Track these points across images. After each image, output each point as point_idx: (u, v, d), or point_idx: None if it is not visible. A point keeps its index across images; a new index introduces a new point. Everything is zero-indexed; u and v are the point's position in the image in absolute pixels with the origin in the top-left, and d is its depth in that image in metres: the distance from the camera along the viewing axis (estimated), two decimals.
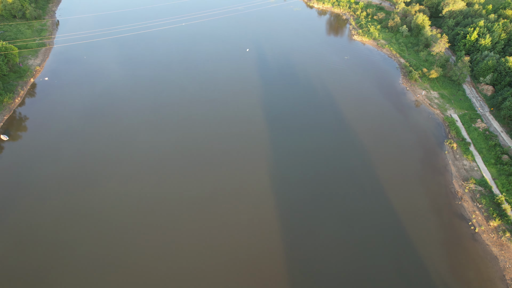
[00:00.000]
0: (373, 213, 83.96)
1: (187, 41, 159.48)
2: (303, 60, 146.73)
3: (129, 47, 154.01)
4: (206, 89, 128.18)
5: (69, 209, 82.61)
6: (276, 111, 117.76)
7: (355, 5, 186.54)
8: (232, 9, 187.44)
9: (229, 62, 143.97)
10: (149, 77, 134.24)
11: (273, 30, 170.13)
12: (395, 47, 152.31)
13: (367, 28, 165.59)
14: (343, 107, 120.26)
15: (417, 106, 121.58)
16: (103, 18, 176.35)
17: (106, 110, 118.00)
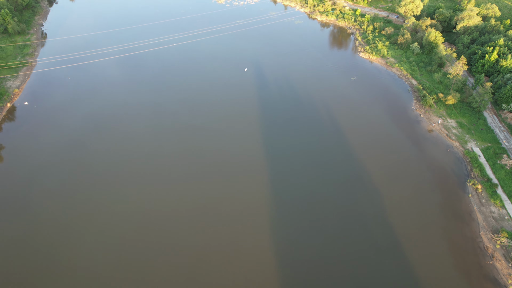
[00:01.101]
0: (388, 276, 71.62)
1: (179, 62, 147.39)
2: (306, 81, 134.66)
3: (118, 68, 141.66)
4: (200, 115, 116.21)
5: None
6: (276, 142, 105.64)
7: (361, 18, 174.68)
8: (229, 26, 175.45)
9: (225, 85, 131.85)
10: (138, 102, 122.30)
11: (273, 46, 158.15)
12: (405, 66, 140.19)
13: (374, 45, 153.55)
14: (350, 138, 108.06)
15: (433, 137, 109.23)
16: (91, 37, 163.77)
17: (90, 140, 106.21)
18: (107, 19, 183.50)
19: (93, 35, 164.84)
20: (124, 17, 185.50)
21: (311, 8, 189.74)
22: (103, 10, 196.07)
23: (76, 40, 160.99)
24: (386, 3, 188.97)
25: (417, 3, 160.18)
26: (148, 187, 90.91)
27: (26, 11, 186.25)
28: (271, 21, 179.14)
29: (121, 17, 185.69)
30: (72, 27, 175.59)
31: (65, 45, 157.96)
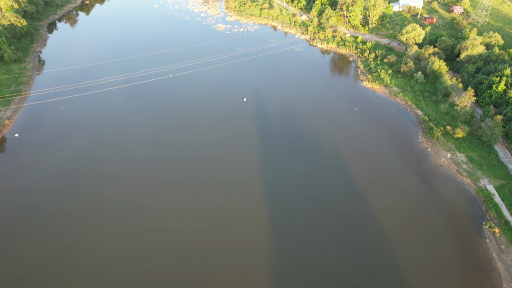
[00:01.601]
0: None
1: (177, 92, 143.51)
2: (307, 111, 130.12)
3: (114, 100, 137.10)
4: (199, 147, 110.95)
5: None
6: (276, 176, 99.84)
7: (362, 46, 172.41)
8: (228, 56, 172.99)
9: (225, 116, 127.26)
10: (134, 135, 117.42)
11: (273, 74, 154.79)
12: (410, 96, 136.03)
13: (377, 73, 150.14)
14: (355, 174, 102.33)
15: (443, 173, 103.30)
16: (87, 68, 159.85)
17: (82, 175, 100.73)
18: (105, 48, 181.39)
19: (90, 66, 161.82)
20: (122, 44, 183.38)
21: (311, 35, 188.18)
22: (102, 37, 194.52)
23: (72, 70, 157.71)
24: (387, 30, 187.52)
25: (418, 31, 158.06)
26: (145, 226, 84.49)
27: (24, 38, 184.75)
28: (271, 48, 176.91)
29: (120, 44, 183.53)
30: (69, 55, 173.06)
31: (62, 74, 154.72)
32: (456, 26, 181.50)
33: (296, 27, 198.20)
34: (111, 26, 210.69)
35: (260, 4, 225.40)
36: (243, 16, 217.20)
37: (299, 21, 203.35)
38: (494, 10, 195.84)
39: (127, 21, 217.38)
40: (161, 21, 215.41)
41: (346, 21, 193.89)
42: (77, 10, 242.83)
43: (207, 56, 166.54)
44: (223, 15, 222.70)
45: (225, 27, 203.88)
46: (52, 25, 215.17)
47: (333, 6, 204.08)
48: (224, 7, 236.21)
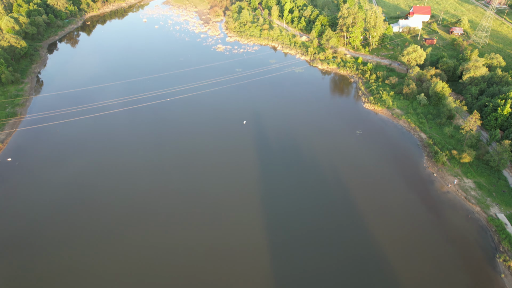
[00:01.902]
0: None
1: (174, 116, 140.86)
2: (308, 134, 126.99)
3: (111, 124, 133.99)
4: (195, 175, 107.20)
5: None
6: (277, 208, 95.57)
7: (363, 67, 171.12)
8: (227, 78, 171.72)
9: (223, 140, 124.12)
10: (130, 160, 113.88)
11: (273, 96, 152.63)
12: (413, 118, 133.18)
13: (379, 95, 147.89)
14: (358, 200, 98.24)
15: (450, 200, 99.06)
16: (85, 91, 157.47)
17: (77, 204, 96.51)
18: (104, 70, 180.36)
19: (86, 90, 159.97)
20: (121, 66, 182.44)
21: (311, 56, 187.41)
22: (101, 58, 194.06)
23: (69, 93, 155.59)
24: (388, 51, 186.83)
25: (420, 52, 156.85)
26: (141, 257, 79.77)
27: (23, 59, 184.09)
28: (271, 70, 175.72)
29: (119, 66, 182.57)
30: (68, 77, 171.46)
31: (58, 96, 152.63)
32: (456, 47, 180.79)
33: (296, 48, 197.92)
34: (110, 47, 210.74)
35: (260, 25, 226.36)
36: (243, 37, 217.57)
37: (299, 42, 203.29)
38: (493, 32, 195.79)
39: (127, 42, 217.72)
40: (161, 42, 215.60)
41: (346, 42, 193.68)
42: (78, 31, 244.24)
43: (206, 78, 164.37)
44: (223, 36, 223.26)
45: (225, 48, 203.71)
46: (52, 45, 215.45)
47: (333, 27, 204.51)
48: (224, 27, 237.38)
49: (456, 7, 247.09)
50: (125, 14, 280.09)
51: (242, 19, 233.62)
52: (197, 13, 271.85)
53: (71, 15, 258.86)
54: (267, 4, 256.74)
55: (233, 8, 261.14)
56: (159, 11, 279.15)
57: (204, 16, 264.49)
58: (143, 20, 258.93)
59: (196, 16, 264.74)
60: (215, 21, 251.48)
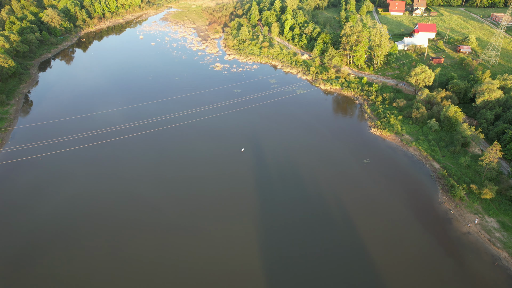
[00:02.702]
0: None
1: (166, 144, 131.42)
2: (311, 163, 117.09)
3: (97, 156, 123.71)
4: (188, 212, 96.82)
5: None
6: (277, 247, 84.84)
7: (368, 87, 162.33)
8: (225, 104, 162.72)
9: (219, 170, 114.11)
10: (116, 195, 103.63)
11: (273, 120, 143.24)
12: (424, 145, 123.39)
13: (386, 119, 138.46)
14: (367, 242, 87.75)
15: (472, 243, 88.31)
16: (73, 120, 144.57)
17: (52, 244, 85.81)
18: (94, 90, 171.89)
19: (70, 120, 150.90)
20: (113, 88, 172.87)
21: (313, 75, 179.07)
22: (93, 76, 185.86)
23: (57, 123, 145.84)
24: (393, 71, 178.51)
25: (428, 73, 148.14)
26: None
27: (12, 79, 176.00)
28: (271, 90, 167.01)
29: (110, 88, 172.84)
30: (56, 99, 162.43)
31: (42, 126, 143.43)
32: (465, 67, 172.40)
33: (297, 67, 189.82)
34: (103, 66, 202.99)
35: (259, 43, 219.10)
36: (242, 55, 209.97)
37: (300, 60, 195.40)
38: (503, 50, 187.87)
39: (121, 60, 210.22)
40: (157, 60, 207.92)
41: (350, 60, 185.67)
42: (73, 48, 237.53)
43: (201, 104, 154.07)
44: (221, 54, 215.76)
45: (223, 66, 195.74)
46: (44, 64, 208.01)
47: (336, 45, 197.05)
48: (223, 45, 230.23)
49: (461, 24, 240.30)
50: (122, 31, 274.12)
51: (241, 36, 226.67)
52: (195, 30, 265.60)
53: (66, 31, 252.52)
54: (267, 21, 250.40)
55: (232, 25, 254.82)
56: (157, 28, 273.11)
57: (203, 32, 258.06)
58: (139, 37, 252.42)
59: (194, 33, 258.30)
60: (213, 38, 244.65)
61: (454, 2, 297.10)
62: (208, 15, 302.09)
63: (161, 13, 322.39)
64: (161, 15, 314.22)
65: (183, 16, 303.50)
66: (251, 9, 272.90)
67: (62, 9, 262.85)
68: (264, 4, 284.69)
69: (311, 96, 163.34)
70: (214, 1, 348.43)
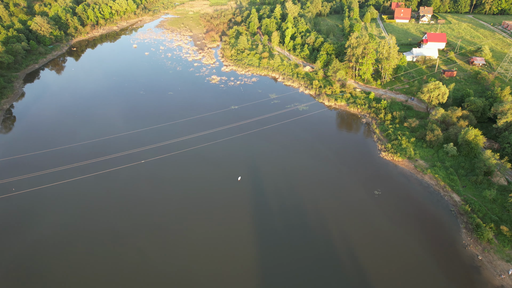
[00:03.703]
0: None
1: (154, 176, 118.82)
2: (313, 194, 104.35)
3: (76, 191, 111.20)
4: (177, 254, 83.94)
5: None
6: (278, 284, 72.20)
7: (376, 104, 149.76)
8: (216, 131, 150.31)
9: (212, 203, 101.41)
10: (97, 236, 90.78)
11: (273, 141, 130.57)
12: (441, 173, 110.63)
13: (397, 141, 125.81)
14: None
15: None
16: (52, 152, 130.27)
17: None
18: (78, 108, 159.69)
19: (48, 152, 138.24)
20: (98, 108, 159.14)
21: (316, 90, 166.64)
22: (78, 91, 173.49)
23: (26, 157, 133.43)
24: (403, 85, 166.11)
25: (442, 89, 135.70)
26: None
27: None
28: (271, 106, 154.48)
29: (95, 108, 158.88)
30: (37, 118, 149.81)
31: (16, 160, 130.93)
32: (481, 81, 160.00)
33: (299, 80, 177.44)
34: (93, 78, 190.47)
35: (259, 53, 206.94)
36: (240, 66, 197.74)
37: (302, 73, 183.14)
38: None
39: (112, 71, 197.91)
40: (150, 72, 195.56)
41: (356, 73, 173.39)
42: (63, 57, 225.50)
43: (195, 128, 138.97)
44: (219, 65, 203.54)
45: (219, 79, 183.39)
46: (31, 75, 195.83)
47: (340, 56, 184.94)
48: (220, 55, 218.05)
49: (471, 33, 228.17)
50: (115, 39, 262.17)
51: (239, 45, 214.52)
52: (191, 38, 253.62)
53: (56, 40, 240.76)
54: (267, 29, 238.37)
55: (231, 33, 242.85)
56: (151, 36, 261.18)
57: (199, 41, 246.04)
58: (133, 46, 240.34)
59: (191, 41, 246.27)
60: (210, 47, 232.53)
61: (461, 9, 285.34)
62: (205, 22, 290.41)
63: (157, 19, 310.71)
64: (157, 22, 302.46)
65: (179, 23, 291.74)
66: (250, 16, 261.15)
67: (53, 17, 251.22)
68: (263, 11, 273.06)
69: (314, 113, 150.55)
70: (212, 7, 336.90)
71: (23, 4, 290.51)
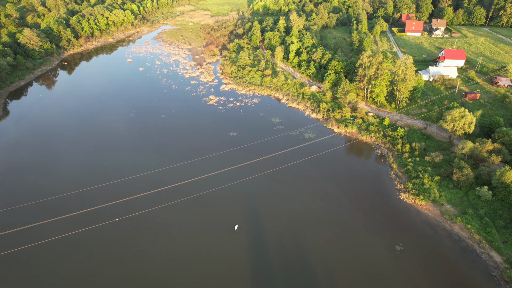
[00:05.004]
0: None
1: (139, 232, 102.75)
2: (323, 249, 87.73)
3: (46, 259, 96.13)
4: None
5: None
6: None
7: (392, 132, 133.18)
8: (208, 176, 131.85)
9: (205, 259, 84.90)
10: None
11: (274, 178, 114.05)
12: (474, 224, 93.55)
13: (419, 180, 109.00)
14: None
15: None
16: (26, 208, 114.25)
17: None
18: (63, 134, 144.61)
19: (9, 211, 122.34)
20: (88, 133, 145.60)
21: (324, 113, 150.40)
22: (65, 110, 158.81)
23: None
24: (420, 109, 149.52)
25: (469, 118, 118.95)
26: None
27: None
28: (273, 133, 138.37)
29: (83, 132, 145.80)
30: (15, 148, 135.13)
31: None
32: (509, 106, 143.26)
33: (305, 101, 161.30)
34: (82, 97, 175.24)
35: (261, 70, 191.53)
36: (241, 84, 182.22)
37: (308, 93, 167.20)
38: None
39: (103, 90, 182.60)
40: (143, 91, 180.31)
41: (367, 95, 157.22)
42: (53, 72, 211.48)
43: (184, 174, 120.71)
44: (217, 82, 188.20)
45: (218, 99, 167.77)
46: (15, 93, 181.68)
47: (350, 74, 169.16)
48: (219, 71, 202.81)
49: (490, 48, 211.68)
50: (110, 52, 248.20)
51: (240, 61, 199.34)
52: (190, 52, 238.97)
53: (47, 54, 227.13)
54: (270, 43, 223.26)
55: (231, 47, 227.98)
56: (148, 49, 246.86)
57: (198, 55, 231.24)
58: (127, 60, 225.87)
59: (189, 56, 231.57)
60: (209, 62, 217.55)
61: (476, 22, 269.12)
62: (205, 34, 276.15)
63: (155, 31, 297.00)
64: (155, 33, 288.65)
65: (178, 35, 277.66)
66: (252, 29, 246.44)
67: (44, 29, 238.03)
68: (266, 23, 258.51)
69: (322, 142, 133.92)
70: (213, 18, 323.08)
71: (15, 15, 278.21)
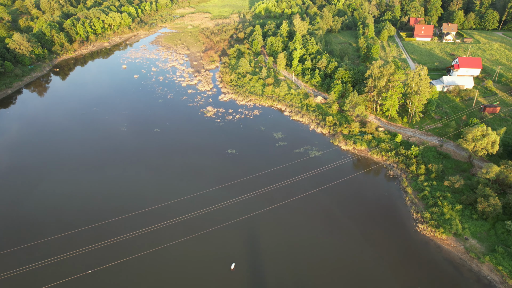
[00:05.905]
0: None
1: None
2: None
3: None
4: None
5: None
6: None
7: (405, 151, 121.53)
8: (201, 213, 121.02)
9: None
10: None
11: (276, 204, 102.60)
12: (507, 265, 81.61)
13: (437, 208, 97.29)
14: None
15: None
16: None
17: None
18: (46, 157, 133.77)
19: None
20: (74, 152, 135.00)
21: (330, 128, 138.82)
22: (51, 125, 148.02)
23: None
24: (434, 123, 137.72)
25: (492, 137, 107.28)
26: None
27: None
28: (276, 151, 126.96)
29: (68, 152, 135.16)
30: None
31: None
32: None
33: (310, 114, 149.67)
34: (71, 108, 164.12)
35: (262, 78, 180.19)
36: (241, 94, 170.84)
37: (313, 104, 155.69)
38: None
39: (93, 100, 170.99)
40: (137, 100, 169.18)
41: (377, 107, 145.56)
42: (43, 80, 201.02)
43: (175, 211, 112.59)
44: (216, 92, 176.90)
45: (216, 111, 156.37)
46: (1, 103, 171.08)
47: (358, 84, 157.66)
48: (219, 79, 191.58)
49: (507, 55, 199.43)
50: (105, 57, 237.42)
51: (240, 69, 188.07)
52: (188, 57, 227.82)
53: (38, 59, 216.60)
54: (272, 49, 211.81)
55: (231, 52, 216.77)
56: (144, 54, 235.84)
57: (196, 61, 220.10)
58: (122, 66, 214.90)
59: (187, 61, 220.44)
60: (208, 69, 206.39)
61: (489, 26, 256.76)
62: (204, 38, 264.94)
63: (153, 34, 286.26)
64: (153, 37, 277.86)
65: (176, 39, 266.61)
66: (253, 33, 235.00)
67: (36, 33, 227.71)
68: (268, 27, 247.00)
69: (328, 162, 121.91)
70: (213, 21, 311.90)
71: (7, 18, 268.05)
